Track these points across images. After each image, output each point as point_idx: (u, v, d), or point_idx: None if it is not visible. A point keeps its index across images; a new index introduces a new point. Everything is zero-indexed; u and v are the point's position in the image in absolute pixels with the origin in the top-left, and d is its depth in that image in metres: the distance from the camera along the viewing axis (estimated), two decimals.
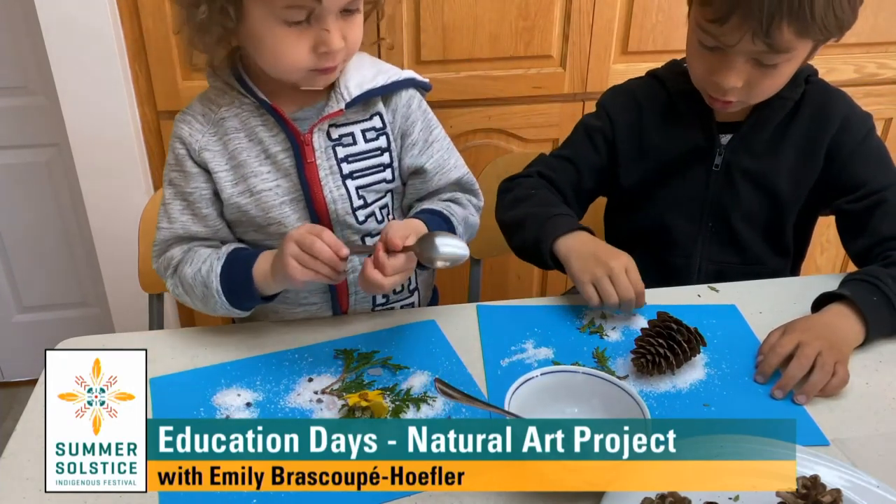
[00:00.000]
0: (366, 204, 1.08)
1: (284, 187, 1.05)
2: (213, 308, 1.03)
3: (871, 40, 1.80)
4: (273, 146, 1.03)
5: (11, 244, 1.95)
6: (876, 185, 1.14)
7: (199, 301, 1.03)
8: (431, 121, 1.12)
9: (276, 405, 0.91)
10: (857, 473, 0.78)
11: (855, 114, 1.18)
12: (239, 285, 1.00)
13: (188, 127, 1.04)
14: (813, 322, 1.01)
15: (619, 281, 1.04)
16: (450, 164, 1.12)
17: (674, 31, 1.70)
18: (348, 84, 1.03)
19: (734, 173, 1.20)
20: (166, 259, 1.06)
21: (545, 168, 1.26)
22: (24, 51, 1.70)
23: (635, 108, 1.24)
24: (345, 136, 1.06)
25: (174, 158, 1.05)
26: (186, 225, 1.05)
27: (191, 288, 1.02)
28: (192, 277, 1.02)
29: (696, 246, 1.25)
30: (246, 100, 1.03)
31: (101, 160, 1.63)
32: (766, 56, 1.03)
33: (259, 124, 1.03)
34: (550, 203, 1.19)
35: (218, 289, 1.00)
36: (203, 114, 1.05)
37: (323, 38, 0.94)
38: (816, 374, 0.93)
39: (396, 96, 1.08)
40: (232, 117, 1.03)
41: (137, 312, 1.46)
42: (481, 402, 0.85)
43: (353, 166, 1.06)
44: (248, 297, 1.01)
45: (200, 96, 1.07)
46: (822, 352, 0.94)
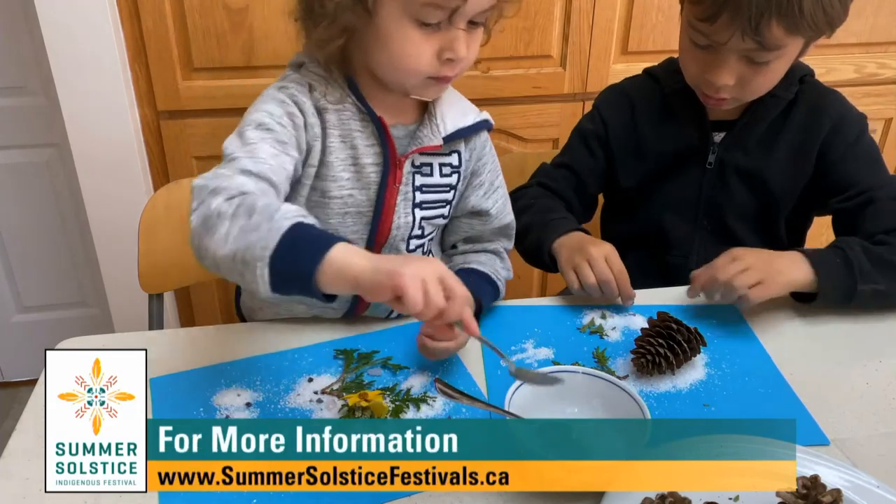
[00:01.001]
0: (422, 235, 1.08)
1: (357, 199, 1.01)
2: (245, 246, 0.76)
3: (871, 40, 1.80)
4: (365, 157, 1.00)
5: (11, 244, 1.94)
6: (865, 185, 1.14)
7: (236, 230, 0.77)
8: (497, 164, 1.13)
9: (276, 405, 0.91)
10: (857, 473, 0.79)
11: (849, 114, 1.18)
12: (313, 242, 0.76)
13: (308, 101, 0.96)
14: (761, 251, 1.05)
15: (597, 265, 1.06)
16: (506, 209, 1.14)
17: (674, 31, 1.69)
18: (445, 117, 1.02)
19: (727, 171, 1.20)
20: (232, 183, 0.83)
21: (546, 178, 1.28)
22: (24, 51, 1.70)
23: (628, 108, 1.25)
24: (425, 165, 1.04)
25: (285, 115, 0.94)
26: (274, 170, 0.89)
27: (247, 213, 0.78)
28: (266, 205, 0.79)
29: (692, 245, 1.25)
30: (349, 99, 0.99)
31: (101, 160, 1.62)
32: (756, 53, 1.04)
33: (357, 130, 0.99)
34: (550, 210, 1.21)
35: (283, 227, 0.75)
36: (310, 99, 0.97)
37: (451, 44, 0.91)
38: (738, 276, 0.98)
39: (476, 137, 1.08)
40: (333, 112, 0.98)
41: (137, 312, 1.46)
42: (481, 402, 0.85)
43: (425, 196, 1.05)
44: (309, 255, 0.75)
45: (303, 76, 0.99)
46: (753, 265, 0.99)
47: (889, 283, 1.05)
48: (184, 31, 1.54)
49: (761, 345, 1.03)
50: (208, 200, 0.82)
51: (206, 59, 1.57)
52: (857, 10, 1.77)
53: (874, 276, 1.04)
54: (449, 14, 0.89)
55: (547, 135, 1.79)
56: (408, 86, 0.97)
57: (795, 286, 1.04)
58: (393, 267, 0.74)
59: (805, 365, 0.99)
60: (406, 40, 0.91)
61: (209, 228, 0.80)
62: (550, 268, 1.15)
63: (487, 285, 1.08)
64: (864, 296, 1.04)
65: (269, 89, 0.98)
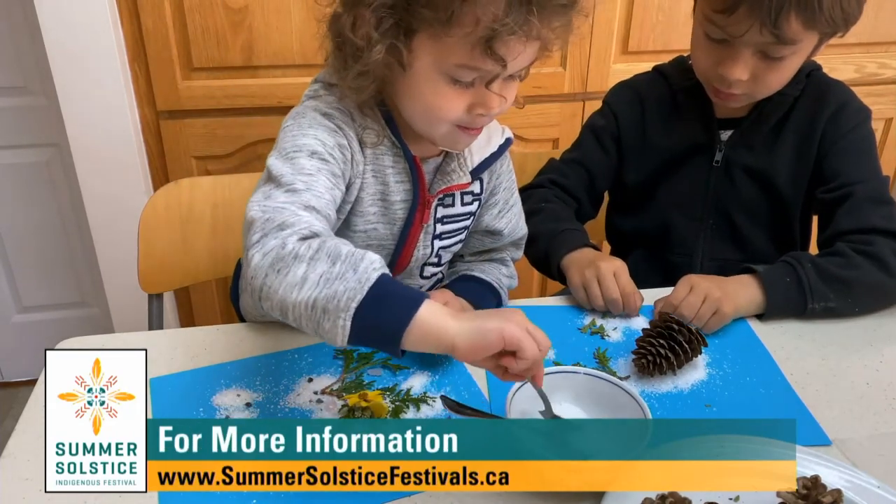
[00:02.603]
0: (438, 263, 1.07)
1: (381, 233, 1.00)
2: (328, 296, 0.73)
3: (871, 40, 1.81)
4: (395, 194, 0.98)
5: (11, 244, 1.95)
6: (847, 178, 1.14)
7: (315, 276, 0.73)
8: (513, 181, 1.11)
9: (275, 405, 0.91)
10: (858, 473, 0.78)
11: (850, 104, 1.18)
12: (401, 296, 0.74)
13: (353, 134, 0.92)
14: (713, 278, 1.06)
15: (605, 282, 1.06)
16: (520, 225, 1.12)
17: (674, 31, 1.70)
18: (472, 147, 0.99)
19: (734, 169, 1.20)
20: (299, 219, 0.79)
21: (557, 175, 1.27)
22: (24, 51, 1.70)
23: (638, 104, 1.25)
24: (448, 195, 1.02)
25: (336, 147, 0.90)
26: (329, 207, 0.85)
27: (329, 258, 0.74)
28: (351, 252, 0.75)
29: (697, 243, 1.25)
30: (384, 133, 0.95)
31: (101, 160, 1.62)
32: (772, 48, 1.03)
33: (390, 166, 0.97)
34: (560, 217, 1.21)
35: (371, 278, 0.72)
36: (350, 125, 0.93)
37: (484, 101, 0.87)
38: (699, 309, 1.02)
39: (500, 160, 1.05)
40: (368, 145, 0.95)
41: (137, 312, 1.46)
42: (491, 416, 0.85)
43: (446, 227, 1.04)
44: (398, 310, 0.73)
45: (341, 103, 0.94)
46: (708, 293, 1.03)
47: (840, 301, 1.05)
48: (183, 31, 1.54)
49: (763, 345, 1.03)
50: (277, 236, 0.77)
51: (205, 59, 1.57)
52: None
53: (825, 293, 1.05)
54: (489, 76, 0.85)
55: (547, 135, 1.79)
56: (436, 136, 0.92)
57: (745, 311, 1.06)
58: (494, 324, 0.73)
59: (805, 365, 0.99)
60: (438, 95, 0.87)
61: (281, 269, 0.75)
62: (558, 280, 1.16)
63: (489, 293, 1.07)
64: (814, 313, 1.06)
65: (310, 110, 0.92)
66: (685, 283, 1.05)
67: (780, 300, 1.05)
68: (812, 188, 1.19)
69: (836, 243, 1.10)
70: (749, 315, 1.07)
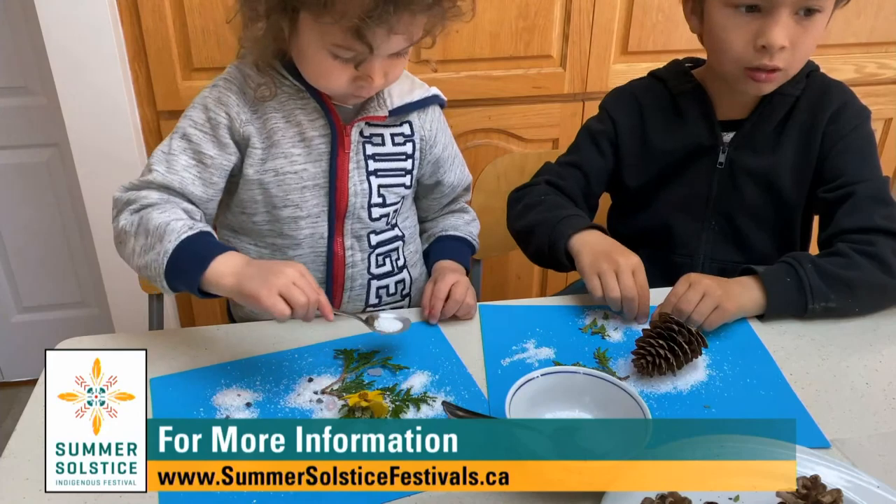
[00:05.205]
0: (384, 203, 1.12)
1: (311, 172, 1.07)
2: (145, 265, 0.95)
3: (871, 40, 1.81)
4: (311, 131, 1.06)
5: (11, 244, 1.95)
6: (849, 177, 1.14)
7: (138, 248, 0.96)
8: (451, 137, 1.21)
9: (276, 405, 0.91)
10: (858, 474, 0.78)
11: (850, 105, 1.18)
12: (194, 260, 0.93)
13: (235, 98, 1.04)
14: (714, 277, 1.06)
15: (624, 278, 1.05)
16: (464, 176, 1.24)
17: (674, 31, 1.70)
18: (391, 92, 1.09)
19: (737, 171, 1.20)
20: (138, 196, 1.00)
21: (553, 176, 1.27)
22: (24, 51, 1.70)
23: (637, 109, 1.25)
24: (375, 135, 1.10)
25: (207, 121, 1.04)
26: (185, 182, 1.02)
27: (144, 233, 0.96)
28: (157, 225, 0.95)
29: (699, 245, 1.25)
30: (286, 82, 1.05)
31: (101, 160, 1.63)
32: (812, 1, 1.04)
33: (298, 108, 1.06)
34: (561, 206, 1.20)
35: (168, 249, 0.93)
36: (243, 91, 1.05)
37: (365, 76, 0.98)
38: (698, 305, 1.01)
39: (427, 110, 1.15)
40: (270, 97, 1.05)
41: (137, 312, 1.46)
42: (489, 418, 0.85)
43: (379, 165, 1.11)
44: (191, 273, 0.93)
45: (235, 70, 1.06)
46: (708, 291, 1.02)
47: (840, 301, 1.05)
48: (184, 31, 1.54)
49: (763, 346, 1.03)
50: (119, 216, 1.01)
51: (205, 59, 1.57)
52: (858, 10, 1.78)
53: (825, 294, 1.05)
54: (358, 56, 0.95)
55: (547, 135, 1.79)
56: (330, 94, 1.04)
57: (747, 310, 1.06)
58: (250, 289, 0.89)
59: (805, 365, 0.99)
60: (322, 66, 0.98)
61: (120, 244, 1.00)
62: (565, 266, 1.14)
63: (466, 247, 1.23)
64: (815, 313, 1.06)
65: (203, 90, 1.07)
66: (684, 280, 1.05)
67: (780, 300, 1.05)
68: (813, 188, 1.19)
69: (836, 243, 1.10)
70: (750, 315, 1.07)
